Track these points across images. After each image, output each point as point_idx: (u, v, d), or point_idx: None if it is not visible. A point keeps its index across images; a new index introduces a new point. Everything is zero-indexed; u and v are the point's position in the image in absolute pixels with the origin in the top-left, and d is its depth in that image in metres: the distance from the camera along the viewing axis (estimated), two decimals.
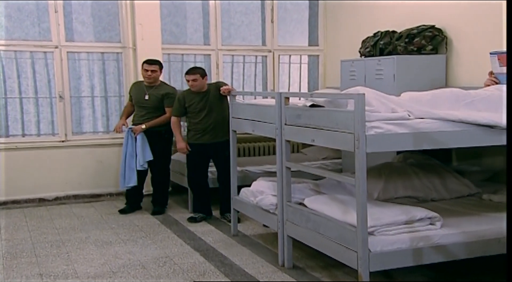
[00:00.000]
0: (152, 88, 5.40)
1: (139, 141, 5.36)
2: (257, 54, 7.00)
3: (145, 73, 5.39)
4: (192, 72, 5.04)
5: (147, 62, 5.43)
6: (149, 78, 5.39)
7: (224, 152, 5.01)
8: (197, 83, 5.03)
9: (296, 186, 4.15)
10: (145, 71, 5.39)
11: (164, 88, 5.47)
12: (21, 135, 6.19)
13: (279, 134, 3.95)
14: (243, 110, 4.60)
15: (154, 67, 5.41)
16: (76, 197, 6.27)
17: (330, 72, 7.09)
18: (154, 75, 5.40)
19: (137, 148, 5.36)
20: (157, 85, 5.43)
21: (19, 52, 6.10)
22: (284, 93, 3.94)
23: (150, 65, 5.41)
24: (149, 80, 5.40)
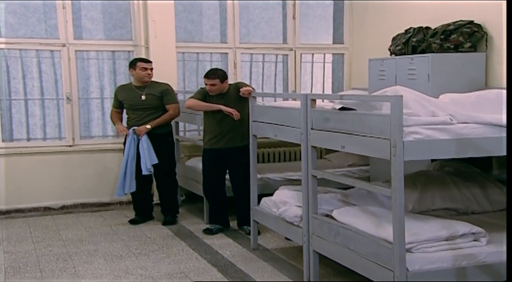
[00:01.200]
0: (146, 88, 5.38)
1: (145, 143, 5.27)
2: (277, 53, 6.94)
3: (144, 72, 5.35)
4: (211, 76, 4.96)
5: (144, 61, 5.42)
6: (149, 77, 5.37)
7: (241, 159, 4.94)
8: (215, 88, 4.98)
9: (322, 196, 4.06)
10: (143, 70, 5.35)
11: (159, 86, 5.43)
12: (26, 139, 6.18)
13: (304, 140, 3.86)
14: (265, 113, 4.51)
15: (151, 65, 5.42)
16: (83, 206, 6.24)
17: (356, 72, 7.00)
18: (152, 74, 5.40)
19: (143, 151, 5.26)
20: (150, 84, 5.42)
21: (25, 50, 6.09)
22: (311, 95, 3.86)
23: (149, 63, 5.41)
24: (148, 79, 5.37)
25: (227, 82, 5.03)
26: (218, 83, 4.93)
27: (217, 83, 4.93)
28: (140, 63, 5.41)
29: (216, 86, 4.94)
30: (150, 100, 5.38)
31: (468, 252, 3.22)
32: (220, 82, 4.95)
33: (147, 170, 5.25)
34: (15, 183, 5.99)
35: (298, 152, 6.61)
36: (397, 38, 5.51)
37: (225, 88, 5.02)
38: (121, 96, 5.47)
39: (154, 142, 5.32)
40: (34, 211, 6.06)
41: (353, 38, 7.03)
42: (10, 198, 5.98)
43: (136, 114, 5.38)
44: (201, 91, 5.11)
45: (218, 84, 4.94)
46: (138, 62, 5.41)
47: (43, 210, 6.09)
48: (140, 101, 5.39)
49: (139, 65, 5.39)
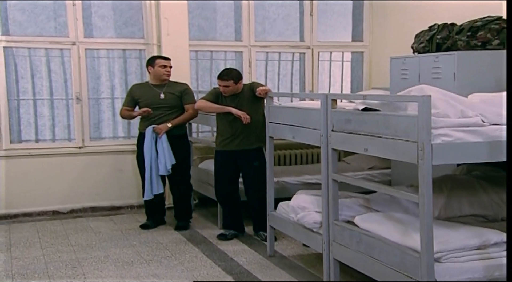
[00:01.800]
0: (165, 87, 5.36)
1: (164, 142, 5.23)
2: (294, 51, 6.91)
3: (163, 70, 5.33)
4: (225, 78, 4.91)
5: (163, 58, 5.40)
6: (168, 75, 5.36)
7: (254, 161, 4.91)
8: (229, 89, 4.94)
9: (343, 202, 3.96)
10: (163, 67, 5.33)
11: (178, 85, 5.43)
12: (35, 141, 6.18)
13: (324, 142, 3.80)
14: (282, 114, 4.45)
15: (170, 63, 5.41)
16: (93, 210, 6.22)
17: (376, 71, 6.93)
18: (170, 72, 5.39)
19: (163, 150, 5.23)
20: (168, 83, 5.40)
21: (33, 49, 6.09)
22: (331, 95, 3.80)
23: (168, 61, 5.40)
24: (167, 77, 5.36)
25: (241, 82, 4.98)
26: (232, 85, 4.90)
27: (231, 84, 4.89)
28: (160, 60, 5.38)
29: (230, 88, 4.90)
30: (169, 99, 5.35)
31: (500, 262, 3.11)
32: (234, 84, 4.91)
33: (166, 170, 5.23)
34: (23, 185, 5.98)
35: (316, 154, 6.62)
36: (420, 35, 5.39)
37: (239, 89, 4.98)
38: (138, 95, 5.41)
39: (170, 143, 5.29)
40: (42, 214, 6.05)
41: (373, 36, 6.96)
42: (18, 201, 5.98)
43: (153, 113, 5.33)
44: (214, 92, 5.07)
45: (232, 85, 4.90)
46: (157, 60, 5.38)
47: (51, 214, 6.09)
48: (158, 100, 5.34)
49: (158, 62, 5.36)
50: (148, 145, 5.22)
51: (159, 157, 5.23)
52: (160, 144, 5.23)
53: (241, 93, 4.98)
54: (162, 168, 5.23)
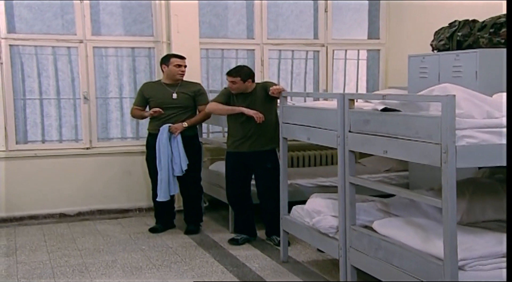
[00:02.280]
0: (178, 87, 5.34)
1: (180, 142, 5.22)
2: (308, 49, 6.87)
3: (177, 69, 5.31)
4: (233, 74, 4.89)
5: (178, 57, 5.37)
6: (182, 75, 5.34)
7: (266, 163, 4.87)
8: (235, 86, 4.91)
9: (360, 206, 3.91)
10: (177, 66, 5.31)
11: (192, 85, 5.42)
12: (41, 141, 6.17)
13: (341, 144, 3.74)
14: (296, 114, 4.40)
15: (185, 62, 5.39)
16: (101, 212, 6.20)
17: (393, 70, 6.87)
18: (185, 72, 5.37)
19: (178, 150, 5.22)
20: (182, 83, 5.38)
21: (40, 47, 6.08)
22: (349, 95, 3.75)
23: (183, 60, 5.37)
24: (181, 77, 5.34)
25: (250, 81, 4.92)
26: (238, 82, 4.86)
27: (237, 81, 4.86)
28: (175, 59, 5.35)
29: (236, 85, 4.87)
30: (182, 99, 5.33)
31: None
32: (242, 81, 4.87)
33: (181, 171, 5.21)
34: (29, 187, 5.97)
35: (330, 156, 6.58)
36: (440, 33, 5.33)
37: (248, 87, 4.93)
38: (149, 93, 5.38)
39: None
40: (49, 217, 6.04)
41: (390, 33, 6.90)
42: (24, 204, 5.97)
43: (164, 113, 5.29)
44: (225, 92, 5.04)
45: (238, 82, 4.86)
46: (172, 58, 5.36)
47: (58, 217, 6.08)
48: (170, 99, 5.31)
49: (173, 61, 5.33)
50: (164, 144, 5.19)
51: (174, 157, 5.21)
52: (175, 144, 5.21)
53: (253, 92, 4.94)
54: (177, 168, 5.21)
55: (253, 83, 4.96)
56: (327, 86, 6.89)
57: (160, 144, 5.21)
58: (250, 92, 4.94)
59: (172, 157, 5.22)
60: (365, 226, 3.74)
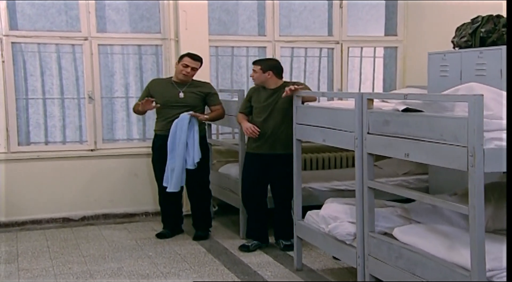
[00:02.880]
0: (186, 86, 5.32)
1: (196, 133, 5.18)
2: (322, 47, 6.83)
3: (184, 70, 5.25)
4: (255, 62, 5.03)
5: (191, 57, 5.29)
6: (186, 76, 5.28)
7: (285, 168, 4.80)
8: (255, 76, 4.97)
9: (379, 211, 3.84)
10: (185, 67, 5.25)
11: (201, 86, 5.39)
12: (44, 143, 6.16)
13: (359, 146, 3.69)
14: (311, 115, 4.35)
15: (196, 64, 5.31)
16: (106, 217, 6.19)
17: (411, 68, 6.81)
18: (192, 74, 5.32)
19: (193, 141, 5.16)
20: (190, 83, 5.36)
21: (43, 45, 6.06)
22: (367, 94, 3.70)
23: (195, 61, 5.30)
24: (183, 78, 5.28)
25: (271, 74, 4.93)
26: (258, 71, 4.92)
27: (257, 70, 4.92)
28: (186, 58, 5.30)
29: (256, 74, 4.93)
30: (189, 98, 5.29)
31: None
32: (261, 71, 4.90)
33: (193, 164, 5.16)
34: (31, 191, 5.96)
35: (345, 158, 6.57)
36: (462, 29, 5.25)
37: (268, 81, 4.94)
38: (155, 91, 5.34)
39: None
40: (52, 222, 6.04)
41: (408, 29, 6.84)
42: (26, 208, 5.96)
43: (170, 113, 5.25)
44: (246, 95, 5.15)
45: (258, 72, 4.92)
46: (185, 57, 5.32)
47: (61, 221, 6.07)
48: (177, 98, 5.28)
49: (184, 60, 5.29)
50: (185, 131, 5.10)
51: (189, 148, 5.14)
52: (191, 134, 5.14)
53: (277, 90, 4.93)
54: (190, 161, 5.15)
55: (277, 79, 4.97)
56: (341, 85, 6.85)
57: (180, 131, 5.11)
58: (274, 89, 4.93)
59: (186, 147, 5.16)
60: (385, 233, 3.69)
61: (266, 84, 4.95)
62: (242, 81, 6.64)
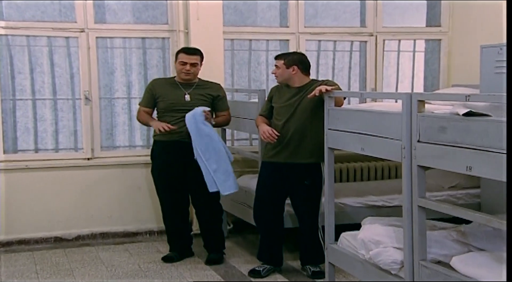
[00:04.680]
0: (192, 87, 5.27)
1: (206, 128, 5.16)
2: (353, 39, 6.78)
3: (182, 68, 5.21)
4: (278, 56, 4.95)
5: (185, 52, 5.26)
6: (187, 74, 5.22)
7: (308, 180, 4.77)
8: (278, 72, 4.90)
9: (431, 235, 3.69)
10: (182, 64, 5.20)
11: (210, 88, 5.34)
12: (34, 150, 6.12)
13: (407, 157, 3.55)
14: (347, 119, 4.23)
15: (195, 58, 5.25)
16: (104, 236, 6.14)
17: (457, 64, 6.72)
18: (194, 70, 5.25)
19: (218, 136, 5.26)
20: (197, 83, 5.31)
21: (33, 37, 6.01)
22: (418, 95, 3.56)
23: (190, 55, 5.24)
24: (188, 77, 5.24)
25: (296, 69, 4.84)
26: (281, 66, 4.85)
27: (280, 65, 4.86)
28: (181, 55, 5.23)
29: (279, 70, 4.88)
30: (196, 101, 5.22)
31: None
32: (284, 66, 4.84)
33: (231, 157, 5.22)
34: (19, 206, 5.93)
35: (380, 168, 6.52)
36: None
37: (293, 78, 4.86)
38: (158, 92, 5.28)
39: (191, 155, 5.11)
40: (41, 242, 5.98)
41: (454, 19, 6.75)
42: (12, 226, 5.92)
43: (174, 117, 5.17)
44: (268, 95, 5.09)
45: (281, 67, 4.85)
46: (180, 54, 5.27)
47: (53, 242, 6.01)
48: (182, 101, 5.21)
49: (180, 57, 5.23)
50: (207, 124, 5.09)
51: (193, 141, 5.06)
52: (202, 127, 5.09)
53: (303, 89, 4.85)
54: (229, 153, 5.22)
55: (303, 76, 4.89)
56: (376, 84, 6.77)
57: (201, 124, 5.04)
58: (299, 88, 4.85)
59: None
60: (438, 261, 3.54)
61: (290, 82, 4.88)
62: (261, 79, 6.64)
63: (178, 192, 5.29)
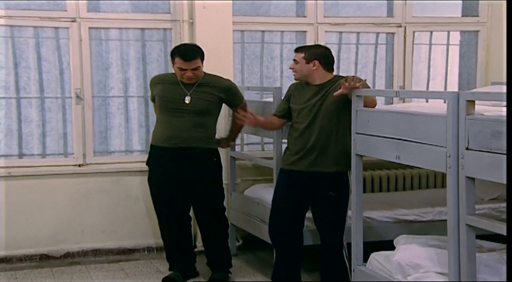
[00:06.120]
0: (195, 86, 5.18)
1: None
2: (379, 31, 6.73)
3: (183, 74, 5.07)
4: (298, 49, 4.87)
5: (182, 57, 5.04)
6: (189, 78, 5.12)
7: (328, 190, 4.67)
8: (297, 67, 4.81)
9: (479, 258, 3.61)
10: (182, 71, 5.06)
11: (214, 86, 5.21)
12: (17, 156, 6.07)
13: (454, 167, 3.43)
14: (379, 122, 4.15)
15: (195, 63, 5.06)
16: (96, 254, 6.07)
17: (497, 58, 6.63)
18: (197, 74, 5.13)
19: None
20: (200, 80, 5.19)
21: (17, 28, 5.96)
22: (467, 94, 3.44)
23: (189, 61, 5.03)
24: (189, 81, 5.14)
25: (317, 64, 4.73)
26: (301, 60, 4.76)
27: (299, 60, 4.77)
28: (178, 60, 5.05)
29: (298, 65, 4.79)
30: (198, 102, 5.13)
31: None
32: (304, 60, 4.74)
33: None
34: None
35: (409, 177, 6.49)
36: None
37: (313, 74, 4.74)
38: (159, 89, 5.21)
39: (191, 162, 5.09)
40: (25, 260, 5.91)
41: (494, 8, 6.74)
42: None
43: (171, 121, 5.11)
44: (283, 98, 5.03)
45: (300, 61, 4.76)
46: (176, 57, 5.08)
47: (38, 260, 5.93)
48: (181, 102, 5.12)
49: (176, 61, 5.07)
50: None
51: None
52: None
53: (325, 87, 4.73)
54: None
55: (325, 72, 4.78)
56: (404, 81, 6.73)
57: None
58: (320, 86, 4.74)
59: None
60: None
61: (310, 79, 4.77)
62: (275, 76, 6.59)
63: (177, 204, 5.21)
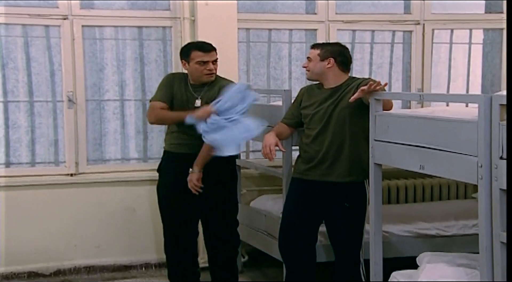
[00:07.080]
0: (205, 89, 5.13)
1: None
2: (395, 29, 6.71)
3: (201, 68, 5.02)
4: (314, 45, 4.84)
5: (201, 49, 5.03)
6: (210, 75, 5.06)
7: (343, 202, 4.61)
8: (310, 65, 4.74)
9: None
10: (201, 64, 5.00)
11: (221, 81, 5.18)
12: (4, 164, 6.03)
13: (486, 178, 3.30)
14: (400, 127, 4.04)
15: (215, 54, 5.06)
16: (90, 271, 6.03)
17: None
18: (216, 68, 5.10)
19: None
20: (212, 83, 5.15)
21: (4, 26, 5.94)
22: (500, 97, 3.28)
23: (209, 52, 5.02)
24: (210, 78, 5.09)
25: (332, 62, 4.66)
26: (315, 58, 4.70)
27: (313, 57, 4.70)
28: (196, 53, 5.00)
29: (311, 63, 4.73)
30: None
31: None
32: (318, 57, 4.68)
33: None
34: None
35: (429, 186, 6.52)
36: None
37: (326, 74, 4.68)
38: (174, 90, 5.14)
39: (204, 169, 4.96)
40: (12, 278, 5.86)
41: None
42: None
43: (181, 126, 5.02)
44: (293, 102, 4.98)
45: (314, 59, 4.70)
46: (193, 52, 5.02)
47: (26, 278, 5.89)
48: (192, 107, 5.06)
49: (195, 56, 4.99)
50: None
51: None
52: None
53: (340, 89, 4.66)
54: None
55: (340, 72, 4.70)
56: (422, 83, 6.71)
57: None
58: (334, 88, 4.66)
59: None
60: None
61: (323, 79, 4.70)
62: (283, 78, 6.56)
63: (185, 214, 5.13)
